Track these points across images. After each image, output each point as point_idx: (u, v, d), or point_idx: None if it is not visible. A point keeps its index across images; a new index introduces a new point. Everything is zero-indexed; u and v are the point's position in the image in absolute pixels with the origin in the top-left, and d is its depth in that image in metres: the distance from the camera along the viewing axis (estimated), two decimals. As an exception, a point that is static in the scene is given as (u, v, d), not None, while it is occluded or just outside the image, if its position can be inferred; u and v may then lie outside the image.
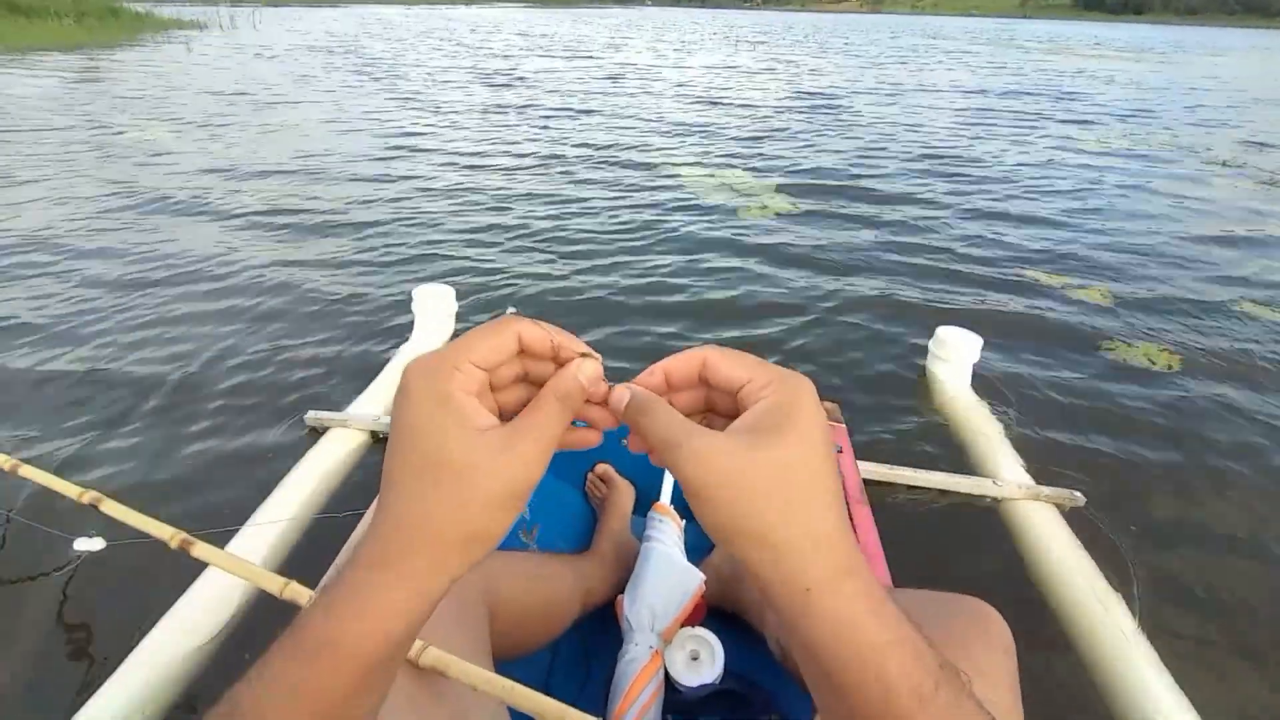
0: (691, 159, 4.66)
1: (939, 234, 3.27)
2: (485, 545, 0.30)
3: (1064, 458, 1.64)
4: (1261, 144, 6.04)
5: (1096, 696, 1.06)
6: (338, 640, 0.28)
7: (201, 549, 0.69)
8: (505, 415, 0.33)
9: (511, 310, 1.60)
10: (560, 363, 0.32)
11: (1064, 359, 2.12)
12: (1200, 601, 1.28)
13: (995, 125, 6.42)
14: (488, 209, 3.45)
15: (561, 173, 4.21)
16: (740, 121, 6.15)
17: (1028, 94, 8.93)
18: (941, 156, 4.99)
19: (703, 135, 5.48)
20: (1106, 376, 2.03)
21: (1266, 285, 2.79)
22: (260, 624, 1.10)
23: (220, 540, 1.21)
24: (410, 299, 2.02)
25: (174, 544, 0.71)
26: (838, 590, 0.28)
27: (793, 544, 0.28)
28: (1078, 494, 1.43)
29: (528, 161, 4.47)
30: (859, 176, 4.30)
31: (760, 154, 4.87)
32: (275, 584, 0.67)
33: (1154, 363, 2.12)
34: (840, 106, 7.06)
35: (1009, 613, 0.60)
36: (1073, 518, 1.40)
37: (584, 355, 0.32)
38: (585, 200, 3.63)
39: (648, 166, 4.43)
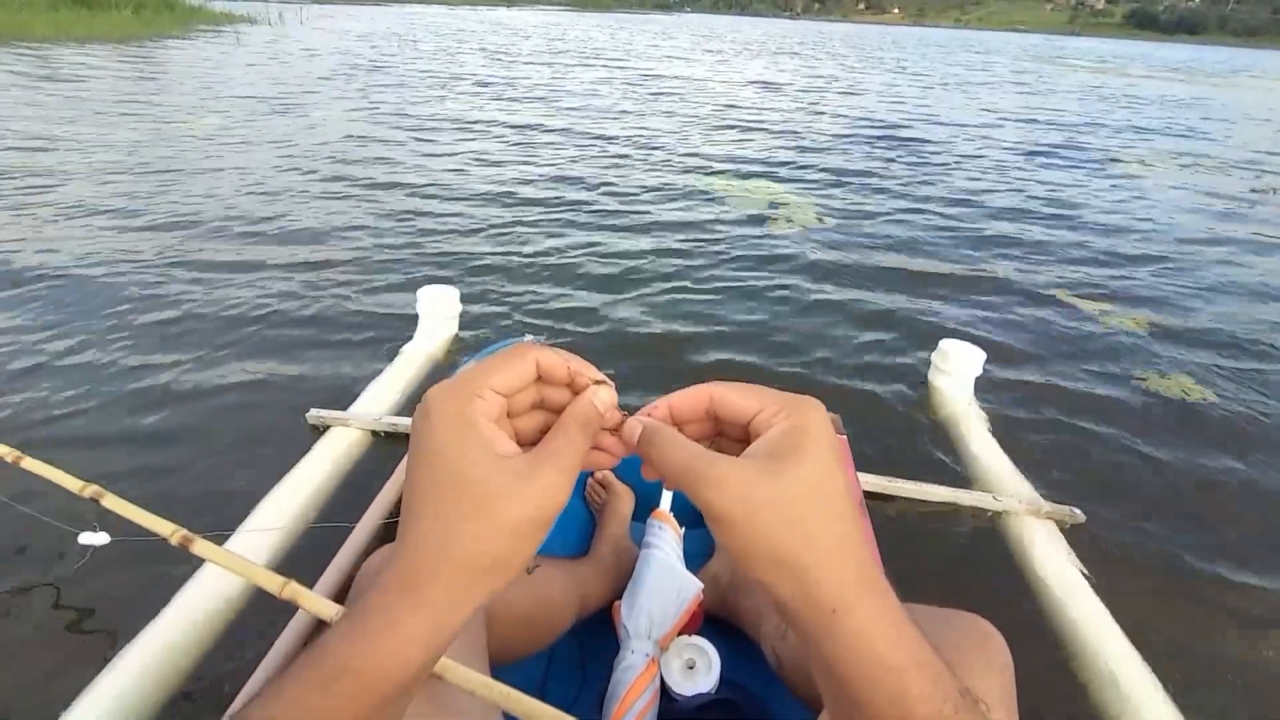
0: (720, 169, 4.64)
1: (950, 247, 3.27)
2: (508, 573, 0.29)
3: (1065, 475, 1.64)
4: None
5: (1088, 708, 1.06)
6: (357, 667, 0.28)
7: (201, 546, 0.69)
8: (522, 442, 0.33)
9: (529, 338, 1.61)
10: (576, 390, 0.33)
11: (1070, 376, 2.12)
12: (1200, 624, 1.27)
13: (1039, 149, 6.26)
14: (501, 213, 3.46)
15: (580, 181, 4.22)
16: (774, 132, 6.13)
17: (1075, 115, 8.75)
18: (970, 170, 4.95)
19: (734, 145, 5.44)
20: (1111, 396, 2.03)
21: None
22: (259, 622, 1.10)
23: (221, 537, 1.21)
24: (415, 299, 2.02)
25: (174, 540, 0.71)
26: (861, 610, 0.28)
27: (818, 567, 0.28)
28: (1078, 511, 1.42)
29: (546, 170, 4.48)
30: (886, 190, 4.27)
31: (790, 164, 4.84)
32: (274, 583, 0.67)
33: (1166, 389, 2.10)
34: (894, 127, 6.88)
35: (1007, 629, 0.59)
36: (1073, 535, 1.40)
37: (599, 383, 0.32)
38: (599, 209, 3.65)
39: (674, 174, 4.43)
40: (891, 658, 0.28)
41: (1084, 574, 1.29)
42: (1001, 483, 1.53)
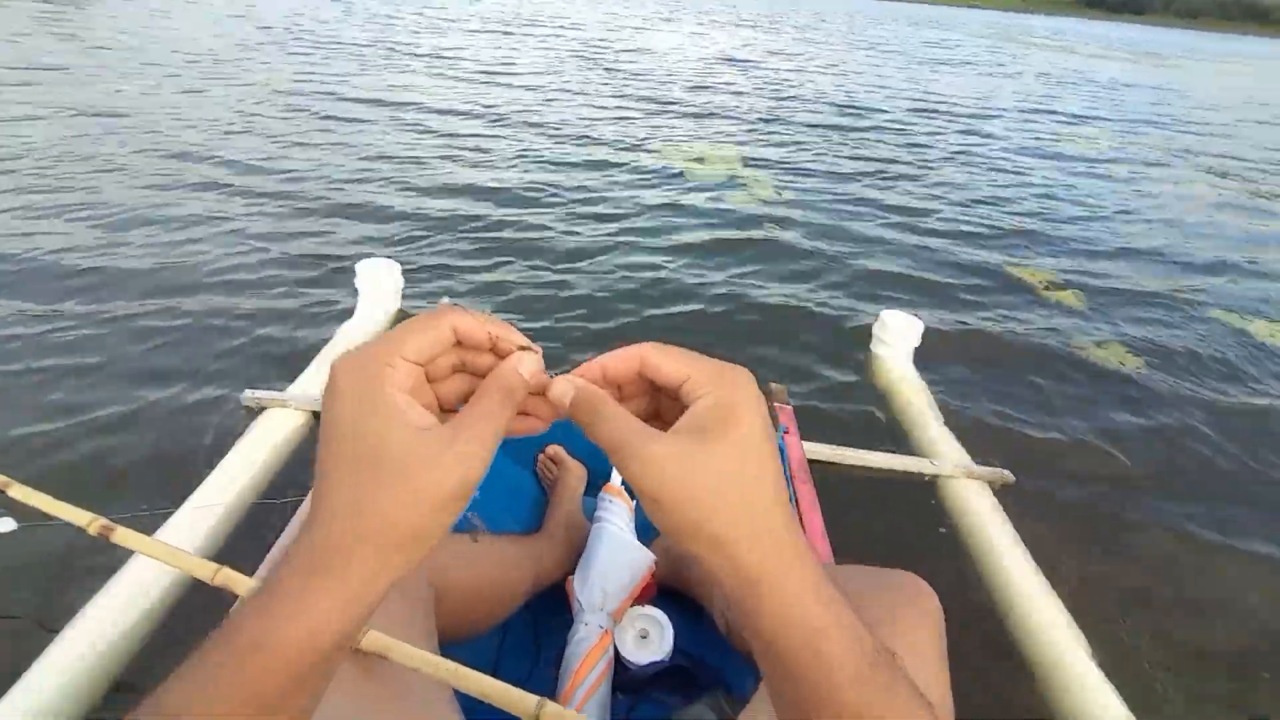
0: (678, 140, 4.57)
1: (897, 221, 3.34)
2: (425, 546, 0.29)
3: (998, 439, 1.73)
4: (1247, 155, 6.21)
5: (1019, 666, 1.13)
6: (269, 645, 0.27)
7: (123, 535, 0.65)
8: (445, 407, 0.32)
9: (446, 300, 1.56)
10: (500, 355, 0.31)
11: (1008, 346, 2.22)
12: (1118, 576, 1.38)
13: (991, 118, 6.45)
14: (449, 186, 3.33)
15: (529, 152, 4.09)
16: (736, 104, 6.06)
17: (1028, 90, 8.99)
18: (922, 145, 5.05)
19: (696, 119, 5.35)
20: (1046, 364, 2.13)
21: (1238, 291, 2.89)
22: (192, 612, 1.05)
23: (153, 525, 1.15)
24: (354, 274, 1.94)
25: (93, 530, 0.66)
26: (785, 580, 0.30)
27: (743, 541, 0.29)
28: (1008, 473, 1.51)
29: (495, 143, 4.32)
30: (840, 166, 4.31)
31: (750, 137, 4.81)
32: (206, 570, 0.63)
33: (1101, 358, 2.21)
34: (854, 103, 6.87)
35: (940, 585, 0.63)
36: (1004, 495, 1.48)
37: (523, 348, 0.31)
38: (550, 182, 3.56)
39: (629, 145, 4.34)
40: (813, 621, 0.30)
41: (1013, 532, 1.37)
42: (937, 448, 1.60)
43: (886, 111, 6.26)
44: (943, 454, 1.57)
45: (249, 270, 2.27)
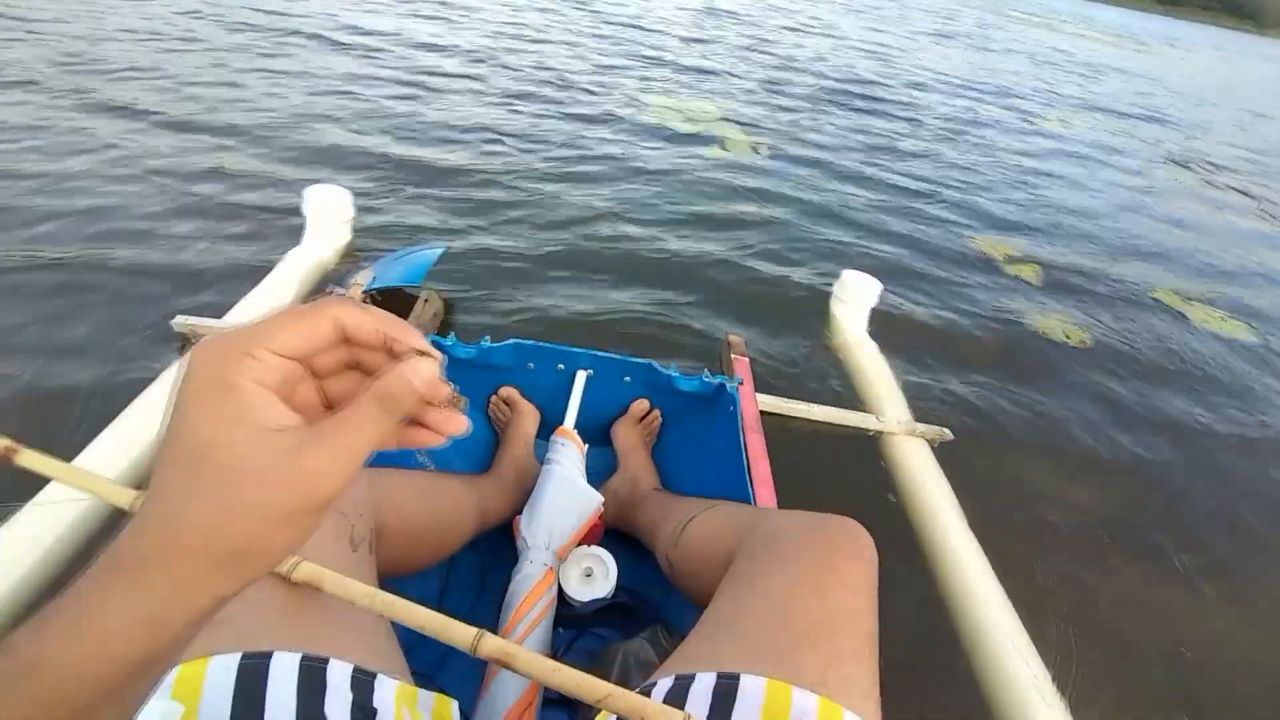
0: (657, 88, 4.39)
1: (870, 185, 3.32)
2: (258, 565, 0.25)
3: (941, 400, 1.79)
4: (1212, 145, 6.29)
5: (938, 601, 1.22)
6: (47, 667, 0.23)
7: (29, 457, 0.60)
8: (331, 406, 0.29)
9: (335, 290, 1.45)
10: (395, 356, 0.28)
11: (961, 311, 2.25)
12: (1042, 539, 1.47)
13: (972, 92, 6.38)
14: (408, 115, 3.14)
15: (500, 86, 3.88)
16: (721, 59, 5.81)
17: (1017, 68, 8.90)
18: (903, 113, 4.97)
19: (677, 70, 5.09)
20: (994, 331, 2.18)
21: (1182, 276, 2.98)
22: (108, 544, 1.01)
23: (67, 456, 1.08)
24: (302, 200, 1.83)
25: (-4, 452, 0.62)
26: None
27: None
28: (947, 431, 1.57)
29: (463, 61, 4.08)
30: (826, 130, 4.22)
31: (738, 97, 4.63)
32: (125, 497, 0.60)
33: (1049, 330, 2.26)
34: (841, 69, 6.67)
35: (877, 532, 0.65)
36: (942, 453, 1.54)
37: (421, 353, 0.27)
38: (521, 119, 3.40)
39: (605, 87, 4.15)
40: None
41: (947, 485, 1.44)
42: (883, 405, 1.65)
43: (877, 80, 6.14)
44: (888, 411, 1.62)
45: (188, 185, 2.11)
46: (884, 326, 2.03)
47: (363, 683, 0.49)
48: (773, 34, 7.72)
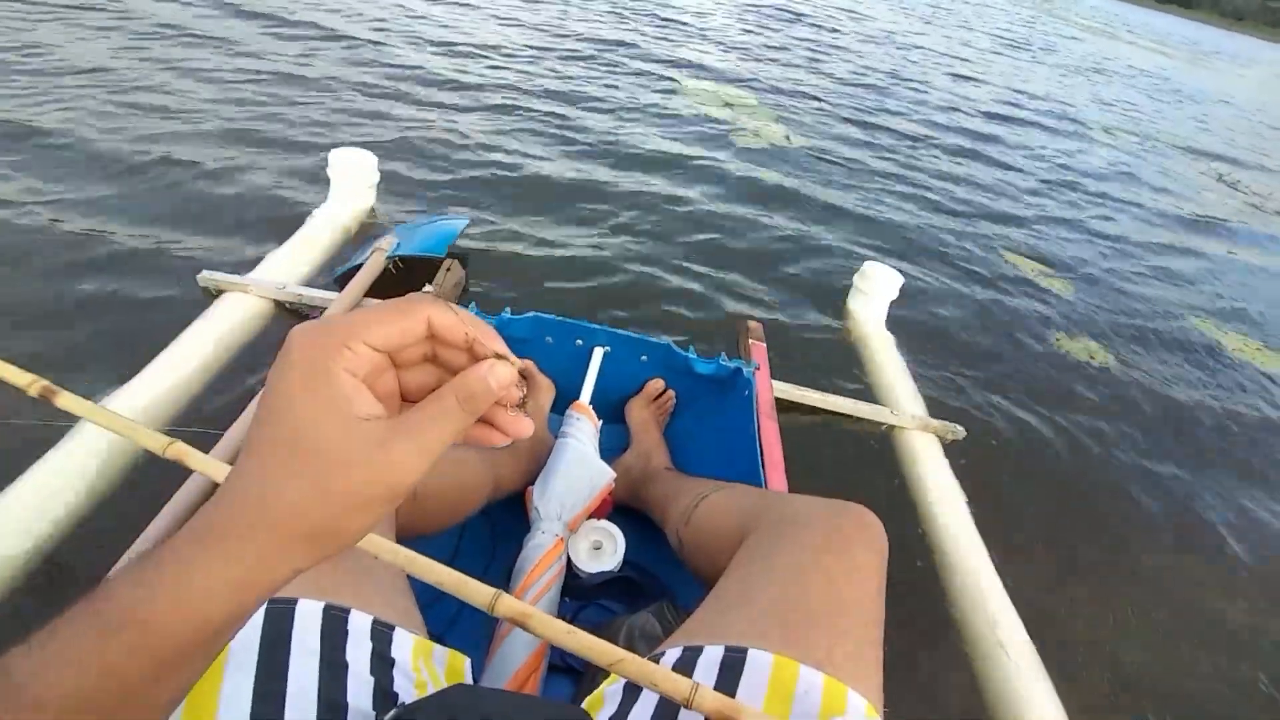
0: (684, 72, 4.28)
1: (899, 184, 3.24)
2: (336, 544, 0.27)
3: (957, 400, 1.77)
4: (1262, 166, 6.01)
5: (940, 593, 1.23)
6: (142, 619, 0.24)
7: (67, 399, 0.62)
8: (407, 398, 0.30)
9: (428, 288, 1.49)
10: (475, 357, 0.29)
11: (985, 318, 2.21)
12: (1038, 531, 1.47)
13: (1010, 102, 6.05)
14: (431, 81, 3.11)
15: (537, 53, 3.83)
16: (753, 39, 5.68)
17: (1065, 71, 8.54)
18: (937, 112, 4.83)
19: (704, 52, 4.97)
20: (1016, 341, 2.14)
21: (1220, 305, 2.86)
22: (137, 485, 1.04)
23: (97, 399, 1.11)
24: (327, 163, 1.83)
25: (33, 391, 0.63)
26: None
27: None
28: (959, 428, 1.56)
29: (498, 34, 4.01)
30: (858, 119, 4.12)
31: (770, 83, 4.51)
32: (158, 442, 0.61)
33: (1071, 349, 2.19)
34: (880, 61, 6.43)
35: (888, 523, 0.65)
36: (952, 449, 1.54)
37: (499, 356, 0.28)
38: (539, 89, 3.37)
39: (643, 69, 4.08)
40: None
41: (955, 481, 1.44)
42: (899, 399, 1.64)
43: (915, 78, 5.93)
44: (902, 405, 1.62)
45: (215, 148, 2.12)
46: (904, 320, 2.01)
47: (382, 634, 0.51)
48: (836, 36, 7.50)
